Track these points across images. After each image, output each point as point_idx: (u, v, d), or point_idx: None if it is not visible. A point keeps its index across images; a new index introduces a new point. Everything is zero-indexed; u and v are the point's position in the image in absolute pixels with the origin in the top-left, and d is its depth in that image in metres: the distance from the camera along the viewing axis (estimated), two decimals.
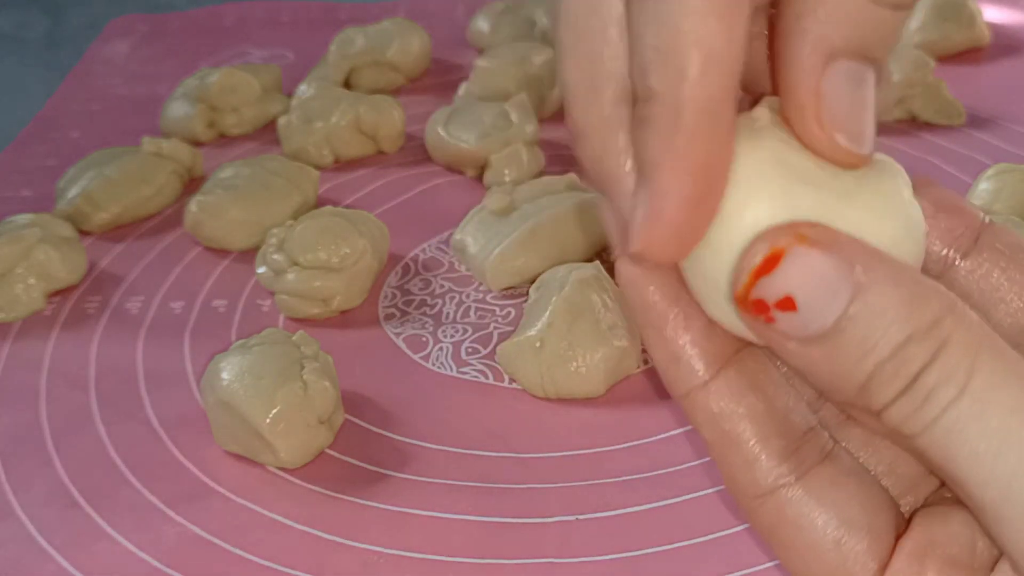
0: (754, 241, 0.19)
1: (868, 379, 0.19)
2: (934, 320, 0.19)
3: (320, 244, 0.50)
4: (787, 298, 0.19)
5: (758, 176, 0.20)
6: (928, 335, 0.19)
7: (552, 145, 0.64)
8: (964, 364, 0.18)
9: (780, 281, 0.19)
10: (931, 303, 0.19)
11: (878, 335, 0.19)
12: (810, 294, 0.19)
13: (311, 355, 0.43)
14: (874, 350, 0.19)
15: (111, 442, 0.45)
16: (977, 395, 0.18)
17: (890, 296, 0.19)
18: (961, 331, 0.19)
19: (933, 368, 0.19)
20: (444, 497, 0.41)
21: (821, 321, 0.19)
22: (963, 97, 0.64)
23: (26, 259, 0.53)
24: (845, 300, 0.19)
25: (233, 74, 0.69)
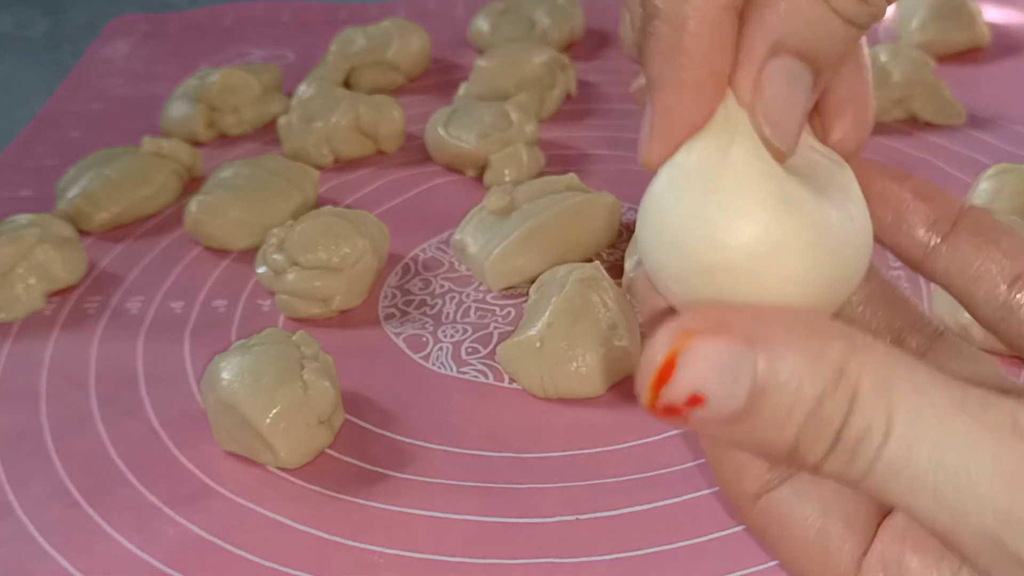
0: (644, 353, 0.19)
1: (794, 444, 0.19)
2: (839, 370, 0.19)
3: (320, 244, 0.50)
4: (693, 396, 0.19)
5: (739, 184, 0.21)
6: (838, 389, 0.18)
7: (552, 145, 0.64)
8: (881, 409, 0.18)
9: (681, 384, 0.19)
10: (830, 354, 0.19)
11: (791, 403, 0.19)
12: (714, 384, 0.19)
13: (311, 355, 0.43)
14: (791, 418, 0.19)
15: (111, 442, 0.45)
16: (901, 437, 0.18)
17: (791, 360, 0.19)
18: (869, 374, 0.19)
19: (852, 421, 0.19)
20: (444, 497, 0.41)
21: (732, 405, 0.19)
22: (963, 97, 0.64)
23: (26, 259, 0.53)
24: (748, 379, 0.19)
25: (233, 74, 0.69)
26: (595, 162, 0.63)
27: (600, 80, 0.73)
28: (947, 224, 0.23)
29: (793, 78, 0.21)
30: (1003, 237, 0.23)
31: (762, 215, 0.20)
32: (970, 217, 0.23)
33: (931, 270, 0.24)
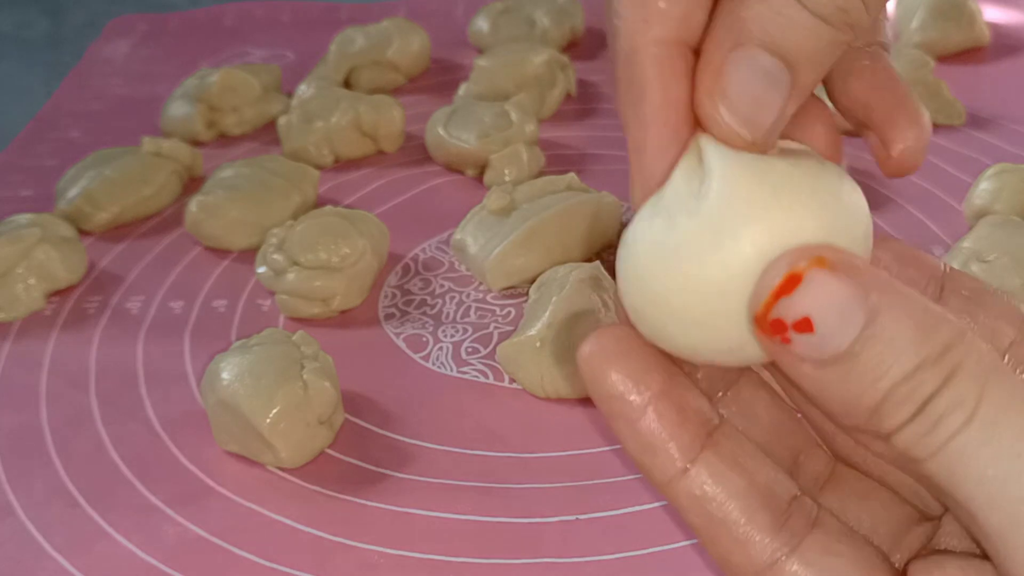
0: (775, 262, 0.19)
1: (880, 403, 0.19)
2: (945, 347, 0.19)
3: (320, 244, 0.50)
4: (805, 319, 0.19)
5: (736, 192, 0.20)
6: (939, 362, 0.19)
7: (552, 145, 0.64)
8: (974, 391, 0.19)
9: (799, 302, 0.19)
10: (942, 330, 0.19)
11: (891, 360, 0.19)
12: (827, 317, 0.19)
13: (311, 355, 0.43)
14: (887, 375, 0.19)
15: (111, 442, 0.45)
16: (986, 421, 0.19)
17: (903, 323, 0.19)
18: (971, 359, 0.19)
19: (944, 394, 0.19)
20: (444, 497, 0.41)
21: (836, 344, 0.19)
22: (963, 97, 0.64)
23: (26, 259, 0.53)
24: (860, 324, 0.19)
25: (233, 74, 0.69)
26: (595, 162, 0.63)
27: (600, 80, 0.73)
28: (935, 289, 0.23)
29: (764, 73, 0.20)
30: (991, 300, 0.23)
31: (749, 236, 0.20)
32: (955, 281, 0.23)
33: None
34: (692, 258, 0.20)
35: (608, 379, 0.21)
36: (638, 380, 0.21)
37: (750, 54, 0.20)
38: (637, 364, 0.21)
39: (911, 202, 0.57)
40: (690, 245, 0.20)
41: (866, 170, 0.59)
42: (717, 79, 0.21)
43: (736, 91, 0.20)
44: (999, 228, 0.48)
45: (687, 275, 0.20)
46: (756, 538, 0.21)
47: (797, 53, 0.20)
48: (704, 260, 0.20)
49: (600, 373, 0.21)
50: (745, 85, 0.20)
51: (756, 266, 0.20)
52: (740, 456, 0.22)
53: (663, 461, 0.21)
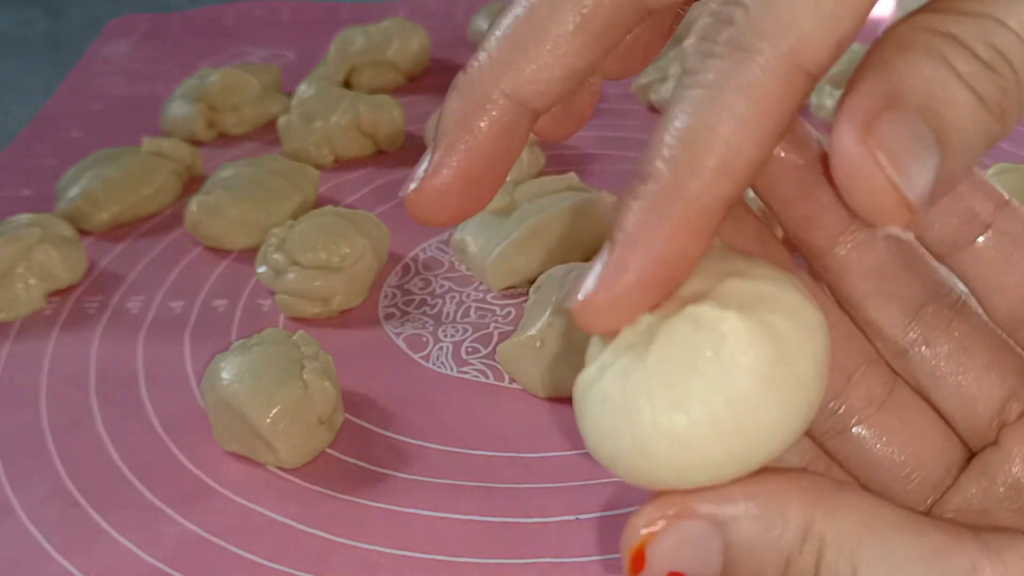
0: (622, 538, 0.20)
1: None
2: (804, 530, 0.19)
3: (320, 244, 0.50)
4: (672, 573, 0.20)
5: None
6: (804, 547, 0.19)
7: (552, 145, 0.64)
8: (845, 566, 0.19)
9: (655, 569, 0.20)
10: (792, 516, 0.19)
11: (761, 569, 0.20)
12: (688, 561, 0.20)
13: (311, 355, 0.43)
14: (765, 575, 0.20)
15: (111, 442, 0.45)
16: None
17: (754, 530, 0.19)
18: (832, 528, 0.19)
19: (822, 574, 0.19)
20: (444, 497, 0.41)
21: (711, 572, 0.20)
22: None
23: (26, 259, 0.53)
24: (719, 549, 0.20)
25: (233, 74, 0.69)
26: (595, 162, 0.63)
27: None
28: (985, 221, 0.22)
29: (920, 139, 0.17)
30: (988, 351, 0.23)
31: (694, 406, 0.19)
32: (1006, 216, 0.22)
33: (955, 269, 0.23)
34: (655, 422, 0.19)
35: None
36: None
37: (908, 118, 0.17)
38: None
39: None
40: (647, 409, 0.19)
41: None
42: (872, 128, 0.17)
43: (894, 144, 0.17)
44: None
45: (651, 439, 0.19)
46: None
47: (954, 131, 0.17)
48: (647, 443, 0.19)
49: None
50: (903, 143, 0.17)
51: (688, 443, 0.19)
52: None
53: None
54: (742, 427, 0.19)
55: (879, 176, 0.17)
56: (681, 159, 0.18)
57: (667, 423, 0.19)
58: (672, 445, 0.19)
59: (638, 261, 0.19)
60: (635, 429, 0.19)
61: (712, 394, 0.18)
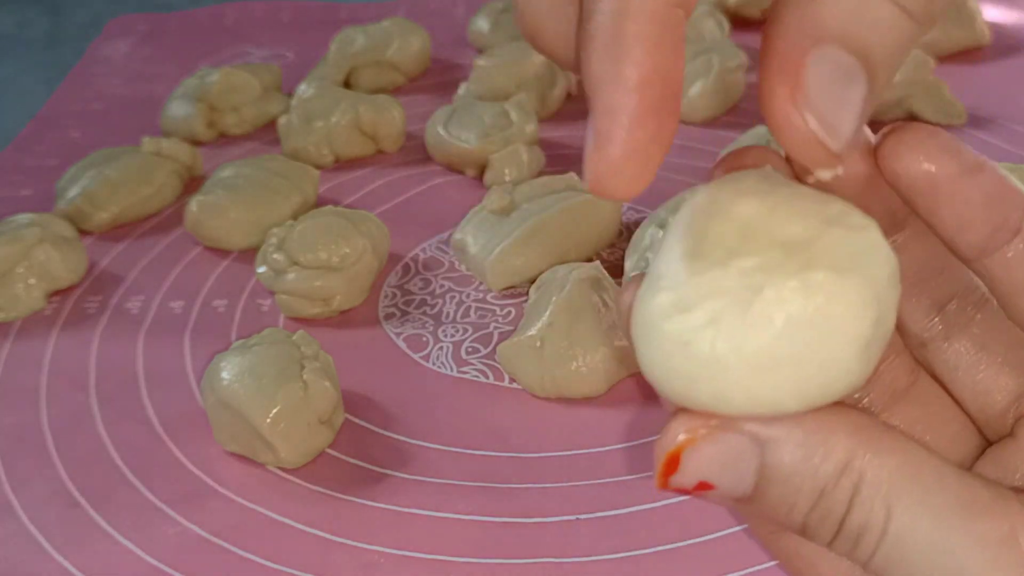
0: (658, 441, 0.20)
1: (802, 529, 0.20)
2: (844, 464, 0.19)
3: (320, 244, 0.50)
4: (701, 483, 0.20)
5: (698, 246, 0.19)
6: (840, 483, 0.19)
7: (552, 145, 0.64)
8: (879, 506, 0.19)
9: (686, 476, 0.20)
10: (835, 449, 0.19)
11: (793, 496, 0.20)
12: (720, 475, 0.20)
13: (311, 355, 0.43)
14: (795, 508, 0.20)
15: (111, 442, 0.45)
16: (897, 537, 0.19)
17: (793, 456, 0.19)
18: (872, 469, 0.19)
19: (853, 514, 0.19)
20: (444, 497, 0.41)
21: (739, 492, 0.20)
22: (963, 97, 0.64)
23: (26, 259, 0.53)
24: (753, 472, 0.19)
25: (233, 74, 0.69)
26: None
27: None
28: (1013, 229, 0.21)
29: (844, 73, 0.18)
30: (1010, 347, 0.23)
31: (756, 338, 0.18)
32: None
33: (984, 275, 0.22)
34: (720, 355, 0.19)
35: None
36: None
37: (831, 53, 0.18)
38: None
39: None
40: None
41: None
42: (797, 81, 0.18)
43: (819, 95, 0.18)
44: None
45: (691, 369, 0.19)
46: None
47: (878, 51, 0.18)
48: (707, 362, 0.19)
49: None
50: (827, 89, 0.18)
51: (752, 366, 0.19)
52: None
53: None
54: (828, 390, 0.19)
55: (807, 134, 0.18)
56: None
57: (760, 393, 0.19)
58: (757, 408, 0.19)
59: (620, 97, 0.18)
60: (718, 384, 0.19)
61: (810, 359, 0.19)
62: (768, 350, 0.18)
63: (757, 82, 0.19)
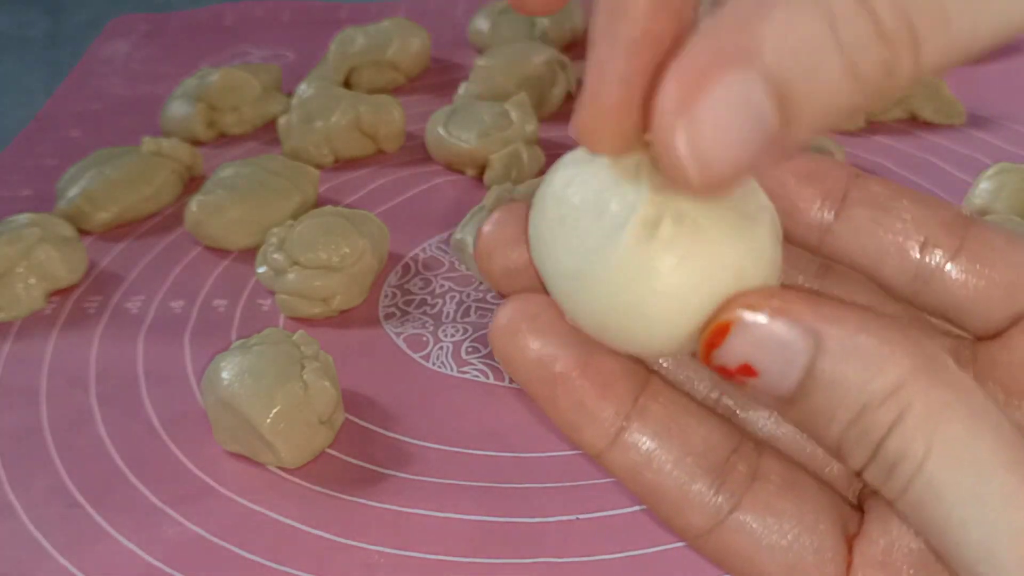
0: (709, 317, 0.19)
1: (836, 445, 0.19)
2: (894, 387, 0.18)
3: (320, 244, 0.50)
4: (744, 366, 0.18)
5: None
6: (886, 403, 0.18)
7: (552, 145, 0.64)
8: (920, 439, 0.18)
9: (731, 352, 0.18)
10: (890, 369, 0.18)
11: (836, 403, 0.18)
12: (766, 361, 0.18)
13: (311, 355, 0.43)
14: (835, 418, 0.18)
15: (111, 442, 0.45)
16: (931, 479, 0.18)
17: (847, 362, 0.18)
18: (922, 401, 0.18)
19: (892, 439, 0.18)
20: (444, 497, 0.41)
21: (784, 386, 0.18)
22: (963, 97, 0.64)
23: (26, 259, 0.53)
24: (803, 365, 0.18)
25: (233, 74, 0.69)
26: None
27: None
28: (836, 199, 0.21)
29: (751, 113, 0.16)
30: (901, 201, 0.21)
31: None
32: (860, 187, 0.21)
33: (831, 253, 0.22)
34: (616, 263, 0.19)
35: (530, 348, 0.20)
36: (561, 347, 0.20)
37: (747, 84, 0.15)
38: (558, 332, 0.20)
39: None
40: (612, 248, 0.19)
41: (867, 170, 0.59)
42: (695, 95, 0.16)
43: (708, 122, 0.16)
44: None
45: (609, 278, 0.19)
46: (694, 502, 0.21)
47: (805, 106, 0.16)
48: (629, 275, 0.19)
49: (520, 342, 0.20)
50: (722, 119, 0.16)
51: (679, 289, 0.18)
52: (672, 416, 0.21)
53: (592, 431, 0.21)
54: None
55: (673, 153, 0.16)
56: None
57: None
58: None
59: (610, 52, 0.18)
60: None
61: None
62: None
63: None
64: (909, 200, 0.21)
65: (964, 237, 0.21)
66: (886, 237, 0.21)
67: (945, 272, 0.21)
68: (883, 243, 0.21)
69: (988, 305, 0.21)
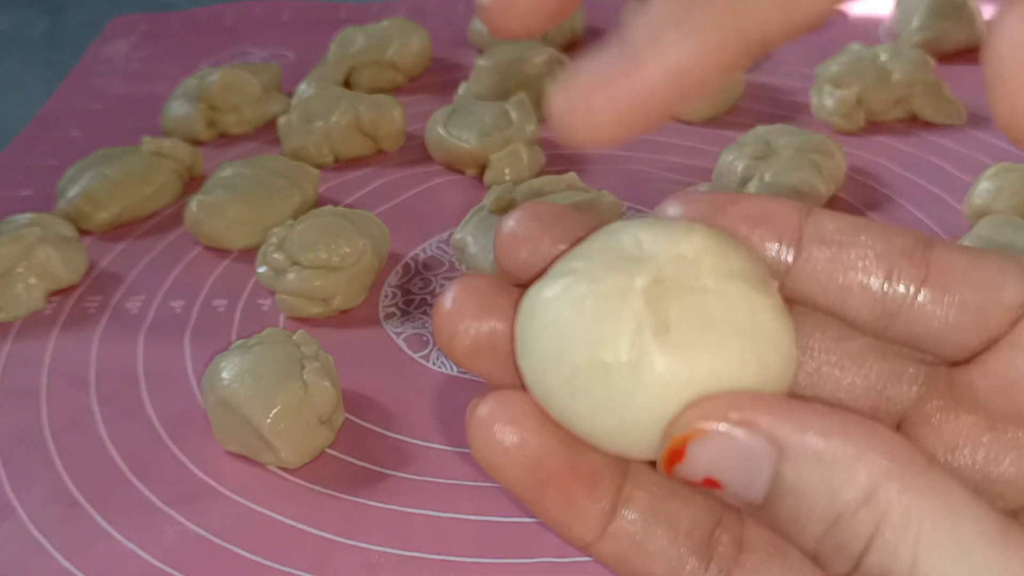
0: (664, 430, 0.18)
1: (814, 552, 0.18)
2: (867, 493, 0.17)
3: (320, 244, 0.50)
4: (708, 479, 0.18)
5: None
6: (859, 514, 0.17)
7: (552, 145, 0.64)
8: (905, 551, 0.17)
9: (692, 466, 0.18)
10: (860, 472, 0.17)
11: (807, 514, 0.17)
12: (729, 473, 0.18)
13: (311, 355, 0.43)
14: (807, 529, 0.17)
15: (111, 442, 0.45)
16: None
17: (814, 469, 0.17)
18: (898, 504, 0.17)
19: (873, 553, 0.17)
20: (445, 496, 0.41)
21: (752, 495, 0.18)
22: (963, 96, 0.64)
23: (26, 258, 0.53)
24: (767, 475, 0.17)
25: (233, 73, 0.69)
26: (595, 162, 0.63)
27: None
28: (793, 239, 0.20)
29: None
30: (859, 236, 0.20)
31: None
32: (814, 224, 0.20)
33: (793, 296, 0.21)
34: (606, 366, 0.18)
35: (515, 450, 0.20)
36: (547, 448, 0.20)
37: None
38: (541, 432, 0.20)
39: (911, 202, 0.57)
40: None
41: (867, 170, 0.59)
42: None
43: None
44: (999, 228, 0.48)
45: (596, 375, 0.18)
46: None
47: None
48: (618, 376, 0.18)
49: (505, 442, 0.20)
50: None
51: (666, 389, 0.18)
52: (657, 500, 0.20)
53: (581, 527, 0.20)
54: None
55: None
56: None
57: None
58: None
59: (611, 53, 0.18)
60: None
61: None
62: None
63: (756, 81, 0.19)
64: (866, 234, 0.20)
65: (928, 264, 0.20)
66: (848, 275, 0.20)
67: (913, 304, 0.20)
68: (845, 281, 0.20)
69: (960, 331, 0.20)
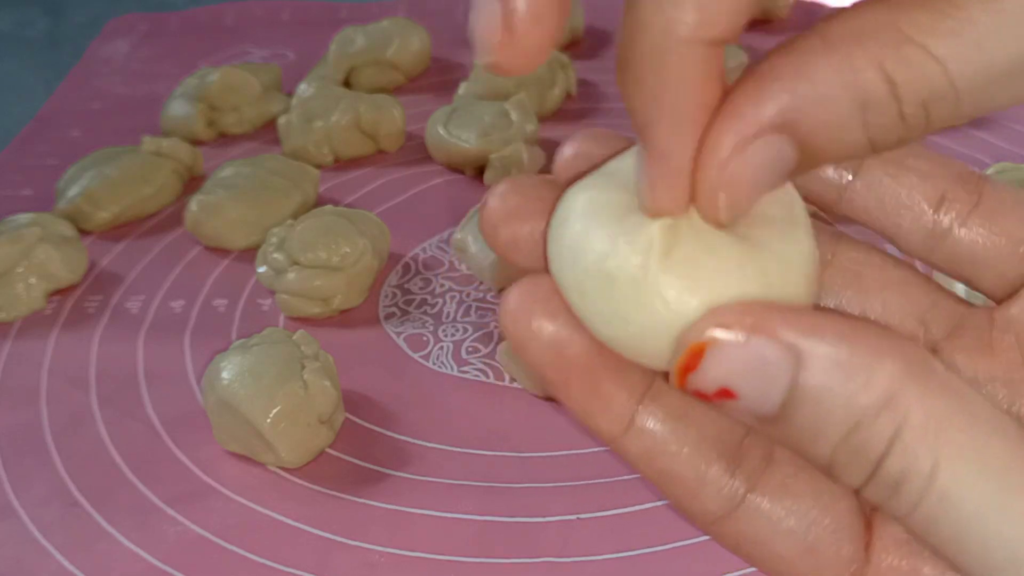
0: (678, 339, 0.18)
1: (829, 463, 0.18)
2: (886, 397, 0.17)
3: (320, 243, 0.50)
4: (723, 389, 0.18)
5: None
6: (879, 418, 0.17)
7: (552, 144, 0.64)
8: (926, 451, 0.17)
9: (707, 376, 0.18)
10: (879, 377, 0.17)
11: (824, 421, 0.17)
12: (745, 383, 0.17)
13: (311, 354, 0.43)
14: (824, 436, 0.17)
15: (111, 442, 0.45)
16: (944, 495, 0.17)
17: (832, 375, 0.17)
18: (920, 408, 0.17)
19: (893, 456, 0.17)
20: (445, 496, 0.41)
21: (765, 408, 0.17)
22: None
23: (26, 258, 0.53)
24: (785, 383, 0.17)
25: (233, 73, 0.69)
26: None
27: (600, 79, 0.73)
28: (857, 159, 0.21)
29: (778, 160, 0.17)
30: (917, 159, 0.21)
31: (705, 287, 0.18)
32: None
33: (850, 210, 0.21)
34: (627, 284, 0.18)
35: (543, 330, 0.19)
36: (575, 330, 0.19)
37: (782, 143, 0.17)
38: (570, 316, 0.20)
39: None
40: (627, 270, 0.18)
41: None
42: (735, 159, 0.17)
43: (744, 178, 0.17)
44: None
45: (619, 297, 0.18)
46: (708, 488, 0.20)
47: (825, 157, 0.18)
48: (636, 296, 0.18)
49: (534, 324, 0.19)
50: (754, 172, 0.17)
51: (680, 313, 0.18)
52: (686, 400, 0.20)
53: (607, 417, 0.20)
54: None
55: (712, 201, 0.18)
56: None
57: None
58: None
59: (671, 123, 0.18)
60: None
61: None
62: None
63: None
64: (925, 158, 0.21)
65: (980, 193, 0.21)
66: (902, 193, 0.21)
67: (960, 228, 0.21)
68: (899, 199, 0.21)
69: (1002, 262, 0.20)
